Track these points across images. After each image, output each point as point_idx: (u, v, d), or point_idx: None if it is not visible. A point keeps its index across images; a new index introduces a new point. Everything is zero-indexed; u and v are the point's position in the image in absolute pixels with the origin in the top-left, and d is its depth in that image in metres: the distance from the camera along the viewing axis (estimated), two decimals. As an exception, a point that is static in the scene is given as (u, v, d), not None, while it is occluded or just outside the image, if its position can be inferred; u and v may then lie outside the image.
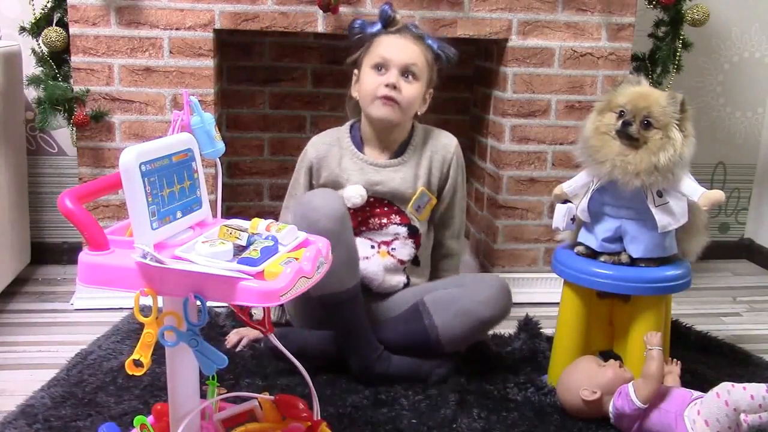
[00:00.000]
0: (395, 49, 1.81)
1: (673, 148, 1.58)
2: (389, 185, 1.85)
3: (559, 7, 2.27)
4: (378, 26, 1.86)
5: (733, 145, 2.90)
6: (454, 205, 1.94)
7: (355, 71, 1.90)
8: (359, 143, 1.90)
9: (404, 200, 1.86)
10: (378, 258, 1.84)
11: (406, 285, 1.88)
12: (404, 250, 1.86)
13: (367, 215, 1.85)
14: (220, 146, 1.27)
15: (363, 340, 1.72)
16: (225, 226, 1.16)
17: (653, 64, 2.41)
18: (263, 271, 1.07)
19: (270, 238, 1.16)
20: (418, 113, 1.89)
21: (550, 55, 2.30)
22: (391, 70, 1.79)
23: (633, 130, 1.61)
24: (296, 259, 1.12)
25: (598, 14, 2.29)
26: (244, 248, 1.12)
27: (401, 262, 1.86)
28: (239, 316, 1.20)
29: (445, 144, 1.91)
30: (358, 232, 1.84)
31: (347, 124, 1.95)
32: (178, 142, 1.21)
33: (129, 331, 1.97)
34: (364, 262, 1.83)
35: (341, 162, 1.87)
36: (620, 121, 1.62)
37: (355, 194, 1.82)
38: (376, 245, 1.85)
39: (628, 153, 1.61)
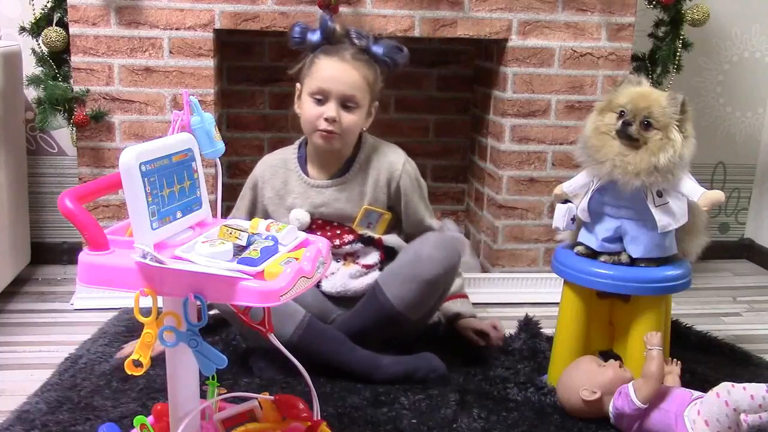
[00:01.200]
0: (334, 78, 1.75)
1: (672, 149, 1.58)
2: (334, 206, 1.84)
3: (559, 7, 2.27)
4: (318, 36, 1.78)
5: (733, 145, 2.89)
6: (417, 208, 1.90)
7: (297, 85, 1.84)
8: (304, 163, 1.88)
9: (352, 220, 1.85)
10: (343, 269, 1.85)
11: None
12: (369, 257, 1.87)
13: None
14: (220, 146, 1.26)
15: (346, 365, 1.72)
16: (225, 225, 1.15)
17: (653, 64, 2.41)
18: (263, 271, 1.07)
19: (270, 238, 1.16)
20: (364, 129, 1.86)
21: (550, 55, 2.30)
22: (329, 103, 1.76)
23: (633, 131, 1.61)
24: (296, 259, 1.12)
25: (598, 14, 2.29)
26: (244, 248, 1.12)
27: (367, 266, 1.86)
28: (239, 317, 1.20)
29: (392, 161, 1.87)
30: None
31: (296, 143, 1.92)
32: (178, 142, 1.21)
33: (116, 333, 1.95)
34: (330, 278, 1.84)
35: (287, 183, 1.87)
36: (620, 122, 1.62)
37: (293, 218, 1.82)
38: (341, 258, 1.86)
39: (628, 153, 1.61)
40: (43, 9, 2.20)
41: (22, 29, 2.22)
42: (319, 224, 1.86)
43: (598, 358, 1.71)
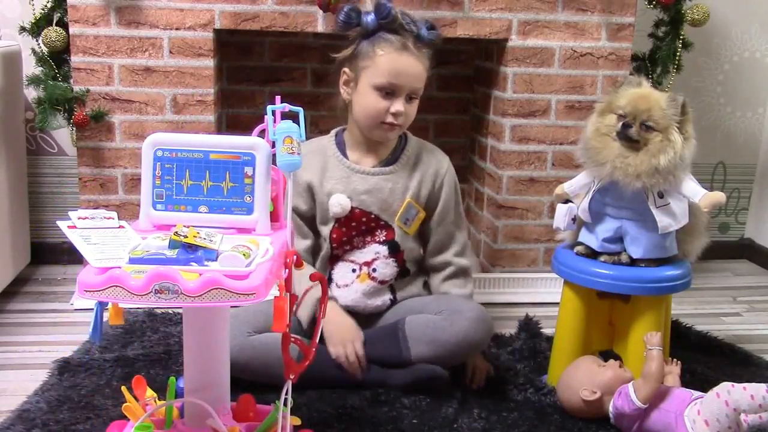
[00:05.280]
0: (404, 73, 1.70)
1: (673, 151, 1.58)
2: (377, 195, 1.78)
3: (559, 7, 2.27)
4: (372, 19, 1.70)
5: (733, 145, 2.89)
6: (453, 222, 1.86)
7: (346, 70, 1.77)
8: (343, 148, 1.83)
9: (391, 213, 1.80)
10: (357, 284, 1.80)
11: (393, 301, 1.83)
12: (386, 270, 1.80)
13: (352, 233, 1.79)
14: (293, 160, 1.21)
15: (348, 382, 1.71)
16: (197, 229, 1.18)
17: (653, 64, 2.41)
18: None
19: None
20: None
21: (550, 55, 2.30)
22: (398, 98, 1.71)
23: (633, 133, 1.60)
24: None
25: (598, 14, 2.29)
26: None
27: (383, 282, 1.81)
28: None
29: (440, 159, 1.85)
30: (340, 254, 1.81)
31: (332, 132, 1.86)
32: (230, 143, 1.24)
33: (115, 334, 1.94)
34: (343, 290, 1.80)
35: (326, 169, 1.80)
36: (620, 124, 1.62)
37: (335, 203, 1.76)
38: (357, 268, 1.80)
39: (629, 155, 1.61)
40: (43, 9, 2.20)
41: (22, 29, 2.22)
42: (357, 213, 1.78)
43: (598, 358, 1.72)
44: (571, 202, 1.74)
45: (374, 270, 1.80)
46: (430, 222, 1.85)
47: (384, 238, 1.81)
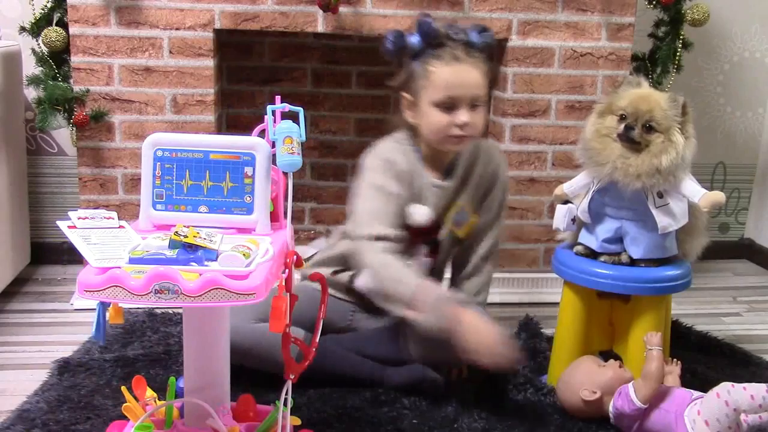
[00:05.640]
0: (460, 83, 1.66)
1: (675, 151, 1.58)
2: (439, 205, 1.77)
3: (559, 7, 2.27)
4: (417, 40, 1.68)
5: (733, 145, 2.89)
6: (489, 224, 1.84)
7: (406, 95, 1.73)
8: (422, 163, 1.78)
9: (444, 216, 1.79)
10: None
11: None
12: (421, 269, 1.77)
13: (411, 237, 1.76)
14: (293, 160, 1.21)
15: (351, 379, 1.72)
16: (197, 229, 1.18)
17: (653, 64, 2.41)
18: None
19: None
20: None
21: (550, 55, 2.30)
22: (460, 109, 1.67)
23: (635, 135, 1.60)
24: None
25: (598, 14, 2.29)
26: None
27: None
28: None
29: (498, 164, 1.82)
30: None
31: (404, 141, 1.78)
32: (230, 143, 1.24)
33: (115, 334, 1.95)
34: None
35: (414, 179, 1.75)
36: (622, 125, 1.62)
37: (419, 213, 1.73)
38: None
39: (630, 156, 1.61)
40: (43, 9, 2.20)
41: (22, 29, 2.22)
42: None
43: (598, 358, 1.72)
44: (570, 202, 1.74)
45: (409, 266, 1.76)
46: (478, 227, 1.83)
47: (430, 237, 1.80)
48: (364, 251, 1.64)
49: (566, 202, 1.74)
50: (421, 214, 1.74)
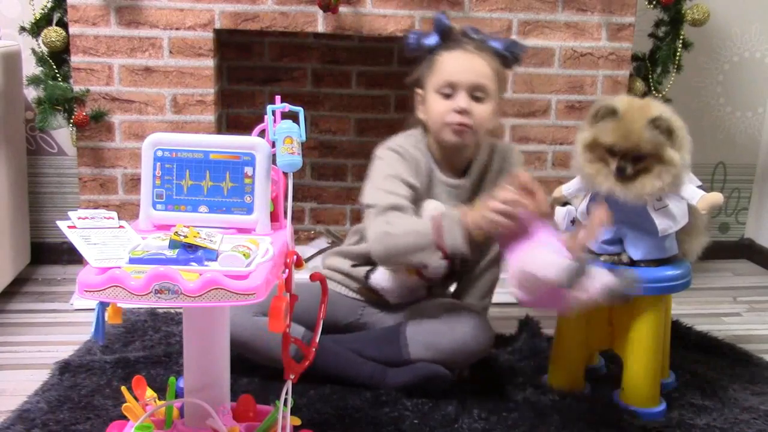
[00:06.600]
0: (460, 68, 1.66)
1: (674, 168, 1.56)
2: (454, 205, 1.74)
3: (559, 7, 2.27)
4: (434, 38, 1.70)
5: (733, 145, 2.89)
6: None
7: (419, 91, 1.74)
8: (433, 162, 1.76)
9: None
10: (403, 275, 1.76)
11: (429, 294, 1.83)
12: (437, 270, 1.76)
13: None
14: (293, 160, 1.21)
15: (352, 379, 1.71)
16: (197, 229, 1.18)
17: (653, 64, 2.41)
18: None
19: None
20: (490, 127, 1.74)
21: (550, 55, 2.30)
22: (459, 94, 1.65)
23: (629, 172, 1.56)
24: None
25: (598, 14, 2.29)
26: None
27: (428, 281, 1.79)
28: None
29: (514, 164, 1.79)
30: None
31: (417, 137, 1.76)
32: (229, 143, 1.24)
33: (115, 333, 1.94)
34: (385, 272, 1.76)
35: (427, 176, 1.74)
36: (614, 167, 1.57)
37: (432, 209, 1.69)
38: None
39: (628, 182, 1.58)
40: (43, 9, 2.20)
41: (22, 29, 2.22)
42: None
43: None
44: (569, 204, 1.74)
45: (425, 267, 1.74)
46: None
47: None
48: (373, 221, 1.63)
49: (565, 203, 1.74)
50: (433, 209, 1.72)
